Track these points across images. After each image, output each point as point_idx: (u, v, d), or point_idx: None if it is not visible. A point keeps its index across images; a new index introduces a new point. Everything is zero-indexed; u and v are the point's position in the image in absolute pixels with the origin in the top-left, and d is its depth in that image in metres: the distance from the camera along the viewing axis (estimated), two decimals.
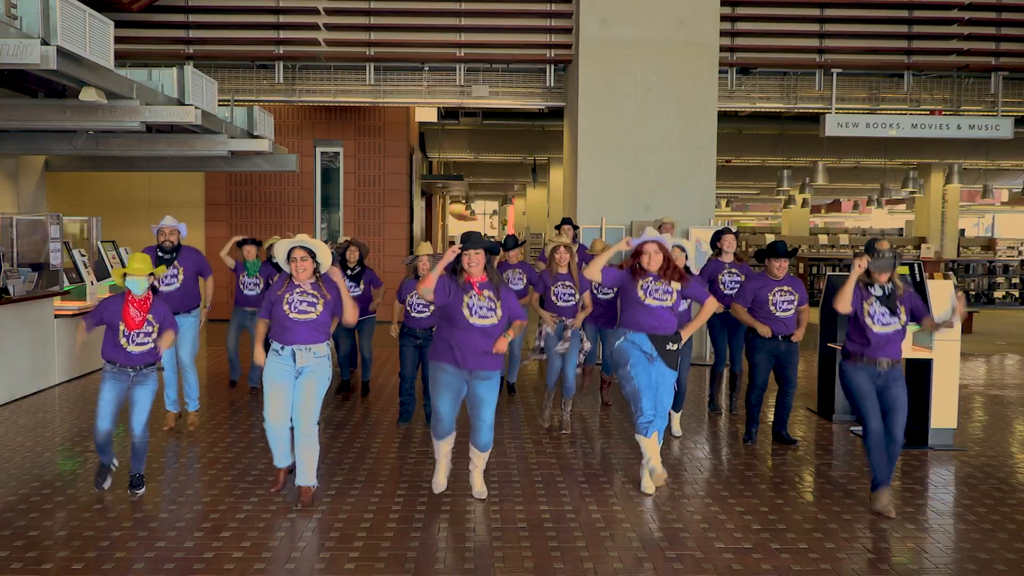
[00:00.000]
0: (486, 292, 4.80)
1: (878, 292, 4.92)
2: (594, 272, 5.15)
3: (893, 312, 4.88)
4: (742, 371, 7.49)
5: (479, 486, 5.07)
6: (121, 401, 5.01)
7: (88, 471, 5.52)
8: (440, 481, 5.12)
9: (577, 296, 6.68)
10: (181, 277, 6.47)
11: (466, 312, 4.77)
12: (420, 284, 4.73)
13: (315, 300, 4.87)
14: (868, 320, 4.90)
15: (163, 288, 6.39)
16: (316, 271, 4.92)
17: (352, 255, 7.65)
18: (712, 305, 5.25)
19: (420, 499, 5.00)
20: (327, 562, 4.09)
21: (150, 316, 4.97)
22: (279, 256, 4.90)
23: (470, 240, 4.81)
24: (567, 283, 6.70)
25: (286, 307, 4.84)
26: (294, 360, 4.85)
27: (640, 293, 5.07)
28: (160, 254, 6.41)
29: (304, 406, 4.86)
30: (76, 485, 5.22)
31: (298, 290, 4.88)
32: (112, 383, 4.97)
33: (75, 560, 4.07)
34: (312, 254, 4.87)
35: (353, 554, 4.18)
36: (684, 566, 4.07)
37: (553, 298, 6.72)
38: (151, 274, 4.98)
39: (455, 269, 4.85)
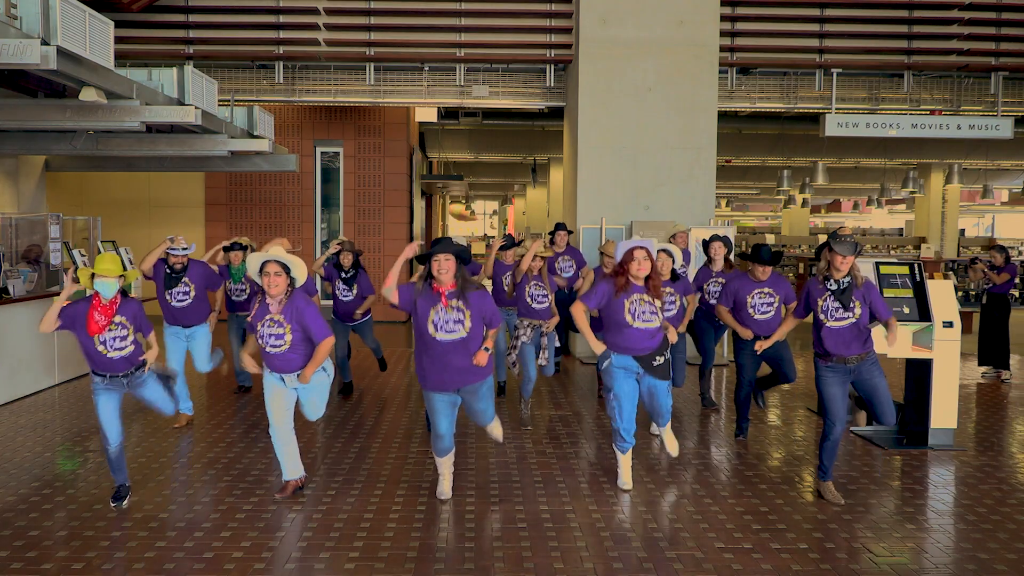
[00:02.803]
0: (453, 303, 4.60)
1: (833, 287, 4.90)
2: (579, 313, 5.13)
3: (847, 307, 4.87)
4: (711, 367, 7.70)
5: (497, 431, 5.23)
6: (121, 406, 4.89)
7: (88, 471, 5.52)
8: (445, 490, 5.03)
9: (551, 298, 6.78)
10: (193, 293, 6.64)
11: (431, 328, 4.59)
12: (383, 284, 4.65)
13: (282, 332, 4.73)
14: (822, 316, 4.94)
15: (176, 304, 6.59)
16: (291, 286, 4.78)
17: (346, 259, 7.58)
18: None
19: (420, 499, 4.99)
20: (327, 562, 4.09)
21: (118, 317, 4.69)
22: (251, 270, 4.75)
23: (440, 244, 4.61)
24: (539, 284, 6.76)
25: (260, 341, 4.81)
26: (285, 382, 4.93)
27: (628, 316, 4.95)
28: (169, 272, 6.56)
29: (312, 409, 5.07)
30: (76, 485, 5.22)
31: (268, 320, 4.74)
32: (107, 395, 4.77)
33: (75, 560, 4.07)
34: (287, 269, 4.73)
35: (353, 554, 4.18)
36: (684, 566, 4.07)
37: (528, 299, 6.76)
38: (121, 276, 4.70)
39: (426, 276, 4.68)
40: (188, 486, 5.24)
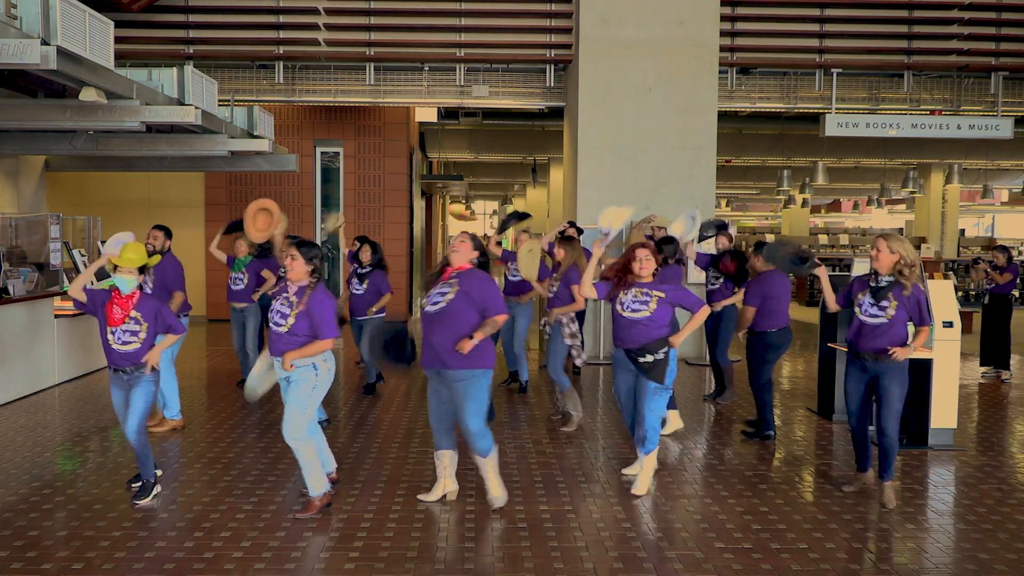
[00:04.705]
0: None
1: (873, 283, 4.94)
2: (587, 290, 5.26)
3: (879, 305, 4.86)
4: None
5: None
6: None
7: (88, 471, 5.52)
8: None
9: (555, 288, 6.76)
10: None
11: (620, 308, 5.10)
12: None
13: (287, 312, 4.52)
14: (856, 309, 5.01)
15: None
16: (315, 272, 4.58)
17: (365, 255, 7.64)
18: (704, 312, 5.02)
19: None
20: (327, 562, 4.09)
21: (135, 312, 4.70)
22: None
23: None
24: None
25: (269, 315, 4.69)
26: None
27: (618, 307, 5.13)
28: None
29: (286, 417, 4.61)
30: (76, 485, 5.22)
31: (283, 297, 4.59)
32: (115, 388, 4.88)
33: (75, 560, 4.07)
34: (304, 255, 4.58)
35: (353, 554, 4.18)
36: (684, 566, 4.07)
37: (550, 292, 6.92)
38: (144, 268, 4.73)
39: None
40: (188, 486, 5.24)
